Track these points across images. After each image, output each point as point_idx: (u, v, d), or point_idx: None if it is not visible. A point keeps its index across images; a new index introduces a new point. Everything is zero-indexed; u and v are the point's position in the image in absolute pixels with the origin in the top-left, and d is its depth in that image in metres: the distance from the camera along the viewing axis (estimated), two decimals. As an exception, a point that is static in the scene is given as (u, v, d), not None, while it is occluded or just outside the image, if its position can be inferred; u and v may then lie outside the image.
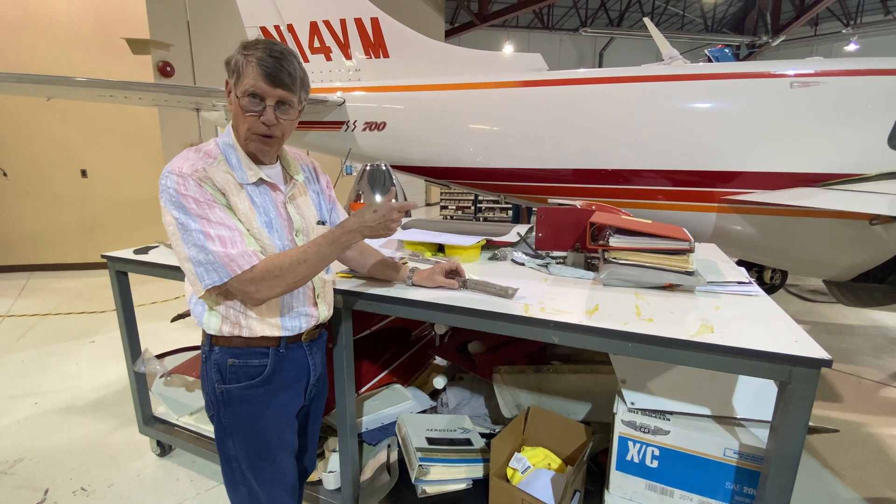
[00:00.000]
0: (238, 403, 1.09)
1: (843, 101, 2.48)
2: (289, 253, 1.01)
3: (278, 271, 0.98)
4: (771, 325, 1.09)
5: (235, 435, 1.12)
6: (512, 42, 15.00)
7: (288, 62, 0.98)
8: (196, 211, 0.95)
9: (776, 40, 11.94)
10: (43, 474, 2.05)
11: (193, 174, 0.97)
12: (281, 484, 1.17)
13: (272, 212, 1.08)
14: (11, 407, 2.59)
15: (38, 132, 5.14)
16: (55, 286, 4.90)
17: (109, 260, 1.95)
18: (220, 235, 0.96)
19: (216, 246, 0.95)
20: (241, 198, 1.03)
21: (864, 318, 3.99)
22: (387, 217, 1.04)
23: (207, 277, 0.96)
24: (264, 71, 0.96)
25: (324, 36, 3.50)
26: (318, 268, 1.03)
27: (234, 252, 0.96)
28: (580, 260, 1.66)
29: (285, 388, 1.12)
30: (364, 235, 1.04)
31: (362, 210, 1.05)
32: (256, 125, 1.00)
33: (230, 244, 0.96)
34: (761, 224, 2.68)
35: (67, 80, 2.79)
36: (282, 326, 1.10)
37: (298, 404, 1.19)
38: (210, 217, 0.96)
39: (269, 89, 0.97)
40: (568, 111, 2.98)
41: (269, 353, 1.10)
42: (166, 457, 2.18)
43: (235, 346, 1.09)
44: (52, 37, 4.92)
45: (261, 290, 0.99)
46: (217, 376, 1.10)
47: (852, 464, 2.12)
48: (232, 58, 1.00)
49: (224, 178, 1.01)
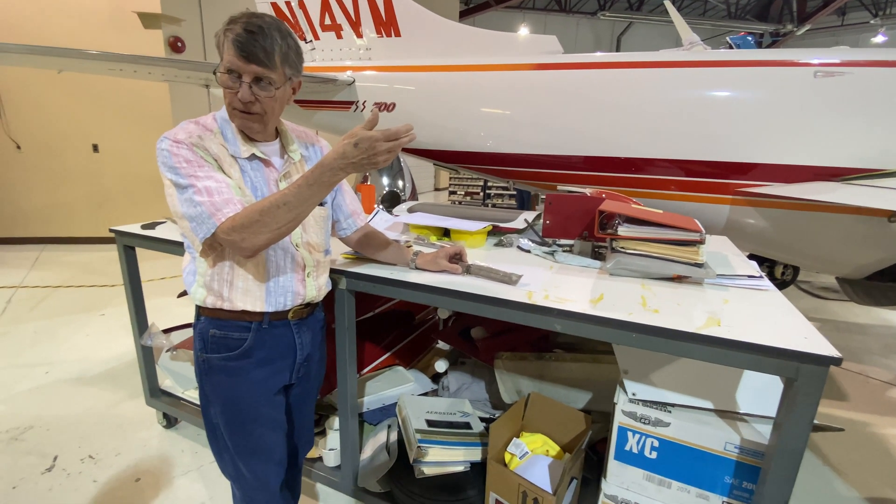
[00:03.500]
0: (217, 373, 1.11)
1: (870, 92, 2.39)
2: (268, 197, 0.96)
3: (258, 216, 0.93)
4: (780, 321, 1.06)
5: (215, 403, 1.14)
6: (528, 24, 14.67)
7: (265, 37, 0.95)
8: (186, 170, 0.96)
9: (801, 29, 11.55)
10: (52, 441, 2.10)
11: (188, 139, 0.98)
12: (263, 457, 1.18)
13: (264, 189, 1.07)
14: (23, 375, 2.65)
15: (51, 106, 5.16)
16: (67, 259, 4.97)
17: (117, 234, 1.97)
18: (207, 187, 0.96)
19: (203, 197, 0.95)
20: (234, 170, 1.04)
21: (876, 317, 3.93)
22: (370, 150, 0.89)
23: (199, 231, 0.96)
24: (238, 46, 0.94)
25: (335, 13, 3.44)
26: (300, 210, 0.95)
27: (219, 200, 0.96)
28: (587, 249, 1.63)
29: (266, 363, 1.12)
30: (348, 172, 0.93)
31: (343, 143, 0.91)
32: (234, 101, 1.00)
33: (216, 193, 0.96)
34: (776, 218, 2.62)
35: (78, 52, 2.78)
36: (265, 301, 1.10)
37: (281, 382, 1.18)
38: (199, 173, 0.97)
39: (243, 65, 0.96)
40: (582, 96, 2.91)
41: (250, 328, 1.11)
42: (172, 429, 2.22)
43: (219, 317, 1.10)
44: (64, 10, 4.90)
45: (245, 238, 0.94)
46: (200, 345, 1.12)
47: (854, 463, 2.10)
48: (217, 33, 0.99)
49: (219, 150, 1.02)
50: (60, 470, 1.93)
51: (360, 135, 0.89)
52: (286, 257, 1.12)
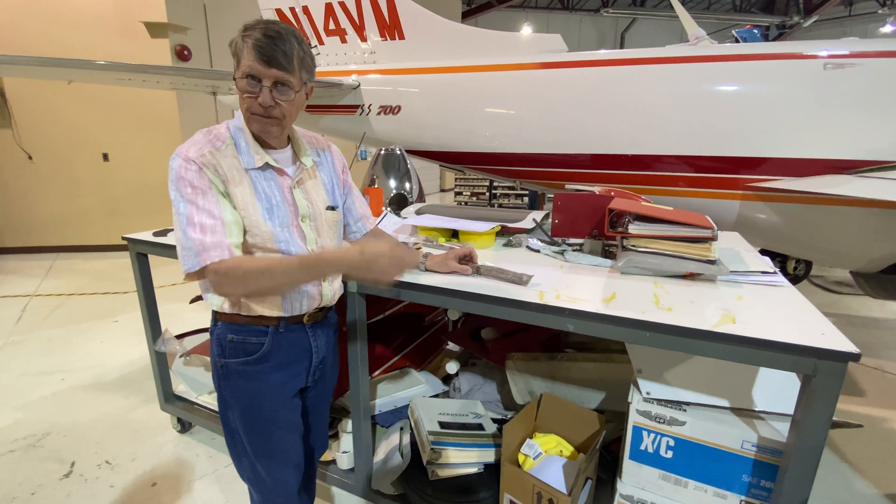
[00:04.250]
0: (236, 378, 1.11)
1: (880, 83, 2.35)
2: (260, 259, 0.98)
3: (240, 273, 0.96)
4: (796, 317, 1.05)
5: (234, 408, 1.15)
6: (531, 23, 14.64)
7: (284, 41, 0.97)
8: (189, 195, 0.97)
9: (808, 21, 11.42)
10: (69, 447, 2.13)
11: (199, 158, 0.98)
12: (282, 460, 1.19)
13: (277, 197, 1.07)
14: (40, 383, 2.69)
15: (61, 116, 5.24)
16: (80, 267, 5.04)
17: (130, 242, 1.99)
18: (202, 223, 0.96)
19: (196, 232, 0.96)
20: (244, 186, 1.03)
21: (891, 311, 3.87)
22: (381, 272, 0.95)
23: (186, 263, 0.97)
24: (259, 51, 0.95)
25: (339, 17, 3.46)
26: (281, 284, 0.99)
27: (209, 241, 0.95)
28: (597, 247, 1.62)
29: (283, 367, 1.13)
30: (343, 273, 0.97)
31: (365, 246, 0.95)
32: (254, 106, 1.00)
33: (209, 232, 0.96)
34: (788, 212, 2.59)
35: (87, 63, 2.82)
36: (281, 307, 1.11)
37: (298, 385, 1.19)
38: (199, 203, 0.97)
39: (264, 70, 0.97)
40: (588, 94, 2.90)
41: (267, 332, 1.11)
42: (187, 433, 2.24)
43: (236, 322, 1.11)
44: (72, 21, 4.97)
45: (222, 286, 0.98)
46: (218, 350, 1.13)
47: (873, 459, 2.07)
48: (233, 41, 1.00)
49: (229, 164, 1.02)
50: (78, 476, 1.95)
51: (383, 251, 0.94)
52: None
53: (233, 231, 0.99)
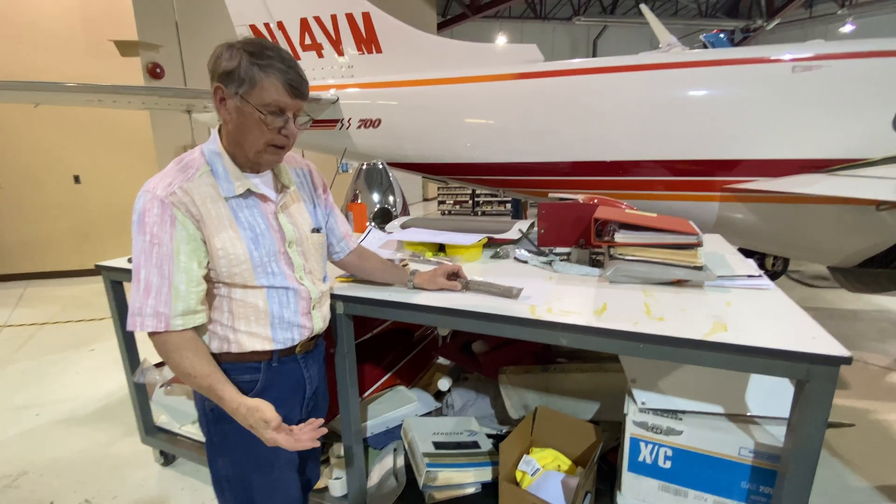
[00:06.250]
0: (228, 422, 1.00)
1: (847, 84, 2.44)
2: (188, 357, 0.95)
3: (165, 357, 0.95)
4: (786, 321, 1.06)
5: (225, 454, 1.08)
6: (505, 33, 14.86)
7: (300, 69, 0.95)
8: (144, 245, 0.91)
9: (771, 23, 11.85)
10: (47, 487, 2.02)
11: (168, 197, 0.92)
12: (281, 498, 1.14)
13: (261, 225, 1.02)
14: (13, 419, 2.56)
15: (29, 139, 5.06)
16: (53, 294, 4.86)
17: (103, 270, 1.91)
18: (148, 281, 0.91)
19: (138, 291, 0.92)
20: (222, 220, 0.97)
21: (868, 303, 3.98)
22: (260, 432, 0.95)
23: (130, 317, 0.94)
24: (288, 84, 0.91)
25: (315, 32, 3.44)
26: (196, 387, 0.99)
27: (149, 307, 0.91)
28: (585, 256, 1.62)
29: (279, 403, 1.02)
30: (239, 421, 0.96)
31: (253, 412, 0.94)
32: (278, 139, 0.96)
33: (154, 294, 0.91)
34: (765, 212, 2.65)
35: (56, 85, 2.74)
36: (273, 339, 1.05)
37: (293, 420, 1.13)
38: (153, 257, 0.91)
39: (290, 102, 0.93)
40: (566, 103, 2.94)
41: (260, 368, 1.06)
42: (170, 466, 2.15)
43: (226, 361, 1.04)
44: (38, 41, 4.83)
45: (155, 347, 0.97)
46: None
47: (862, 452, 2.10)
48: (238, 67, 0.90)
49: (204, 195, 0.95)
50: (56, 518, 1.86)
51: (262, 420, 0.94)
52: (288, 293, 1.06)
53: (180, 294, 0.93)
